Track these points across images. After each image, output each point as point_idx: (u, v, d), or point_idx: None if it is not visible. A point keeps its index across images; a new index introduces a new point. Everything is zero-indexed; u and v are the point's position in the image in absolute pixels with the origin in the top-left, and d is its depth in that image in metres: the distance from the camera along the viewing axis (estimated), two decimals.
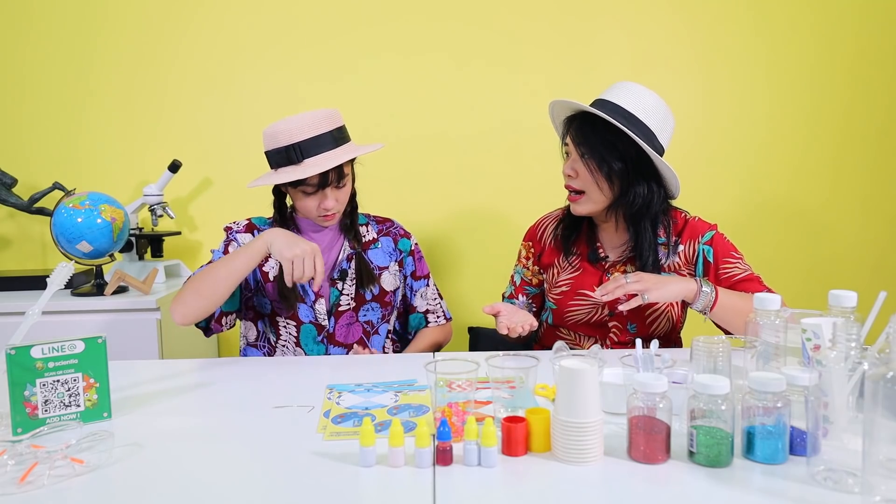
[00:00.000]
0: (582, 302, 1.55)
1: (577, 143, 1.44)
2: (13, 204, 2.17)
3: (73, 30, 2.33)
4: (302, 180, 1.48)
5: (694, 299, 1.34)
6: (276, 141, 1.49)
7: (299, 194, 1.52)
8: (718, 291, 1.34)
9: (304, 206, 1.54)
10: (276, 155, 1.50)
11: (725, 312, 1.34)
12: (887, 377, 0.73)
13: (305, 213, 1.56)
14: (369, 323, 1.62)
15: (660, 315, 1.52)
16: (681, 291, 1.33)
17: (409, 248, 1.68)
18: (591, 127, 1.42)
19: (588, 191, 1.46)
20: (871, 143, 2.42)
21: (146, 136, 2.38)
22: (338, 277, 1.59)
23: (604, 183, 1.44)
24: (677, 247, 1.52)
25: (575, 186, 1.47)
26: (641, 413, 0.88)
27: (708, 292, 1.33)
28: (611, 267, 1.53)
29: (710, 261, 1.50)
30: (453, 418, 0.99)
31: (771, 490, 0.82)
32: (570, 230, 1.58)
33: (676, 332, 1.60)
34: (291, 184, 1.50)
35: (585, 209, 1.48)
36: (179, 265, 2.31)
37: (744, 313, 1.29)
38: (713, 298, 1.33)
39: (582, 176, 1.45)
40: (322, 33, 2.35)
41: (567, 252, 1.57)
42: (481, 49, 2.35)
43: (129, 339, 1.92)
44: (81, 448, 0.93)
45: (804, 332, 0.95)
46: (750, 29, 2.36)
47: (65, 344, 1.04)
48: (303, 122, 1.48)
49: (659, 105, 1.45)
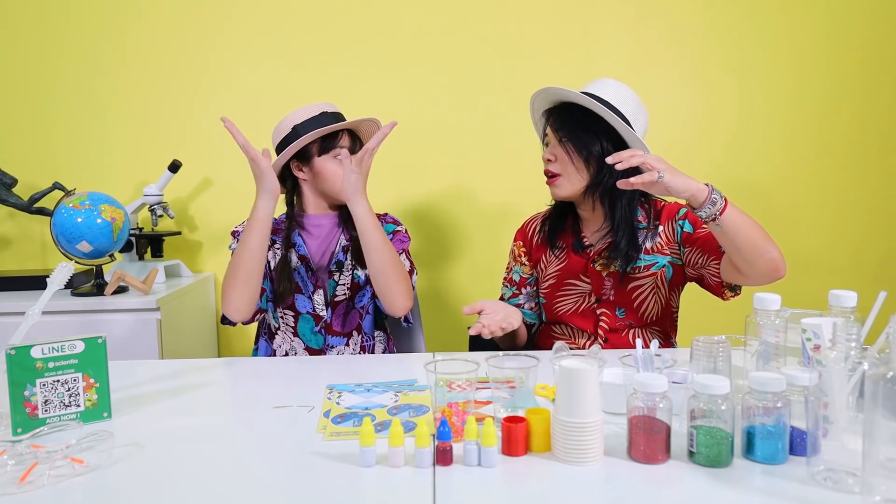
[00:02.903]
0: (569, 291, 1.57)
1: (555, 128, 1.50)
2: (13, 204, 2.17)
3: (74, 30, 2.33)
4: (334, 144, 1.57)
5: (703, 202, 1.27)
6: (294, 120, 1.57)
7: (328, 161, 1.57)
8: (728, 202, 1.28)
9: (335, 175, 1.57)
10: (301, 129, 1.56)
11: (734, 223, 1.28)
12: (887, 377, 0.73)
13: (333, 184, 1.58)
14: (364, 308, 1.65)
15: (647, 295, 1.52)
16: (693, 187, 1.26)
17: (392, 230, 1.67)
18: (570, 114, 1.49)
19: (565, 173, 1.49)
20: (872, 143, 2.42)
21: (146, 136, 2.38)
22: (335, 269, 1.61)
23: (581, 164, 1.47)
24: (657, 229, 1.53)
25: (553, 170, 1.51)
26: (641, 413, 0.88)
27: (717, 199, 1.26)
28: (595, 254, 1.55)
29: (688, 231, 1.51)
30: (453, 418, 0.99)
31: (771, 490, 0.82)
32: (556, 223, 1.62)
33: (672, 319, 1.60)
34: (323, 149, 1.57)
35: (564, 191, 1.51)
36: (179, 265, 2.31)
37: (752, 229, 1.29)
38: (722, 206, 1.27)
39: (560, 159, 1.49)
40: (322, 34, 2.35)
41: (553, 245, 1.60)
42: (481, 49, 2.35)
43: (129, 339, 1.92)
44: (81, 448, 0.93)
45: (804, 332, 0.95)
46: (749, 29, 2.37)
47: (65, 344, 1.04)
48: (309, 107, 1.59)
49: (632, 95, 1.51)
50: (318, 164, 1.58)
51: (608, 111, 1.43)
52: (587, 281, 1.55)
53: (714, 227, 1.30)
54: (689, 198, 1.28)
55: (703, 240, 1.47)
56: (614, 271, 1.52)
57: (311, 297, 1.60)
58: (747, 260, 1.31)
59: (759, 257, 1.30)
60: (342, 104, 1.66)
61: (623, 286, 1.52)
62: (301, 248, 1.62)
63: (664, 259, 1.52)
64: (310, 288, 1.60)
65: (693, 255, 1.50)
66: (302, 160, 1.60)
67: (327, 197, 1.64)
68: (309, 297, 1.60)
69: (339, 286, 1.62)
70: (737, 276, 1.39)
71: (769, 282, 1.33)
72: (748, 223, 1.30)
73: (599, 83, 1.51)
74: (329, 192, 1.61)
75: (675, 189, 1.26)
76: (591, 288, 1.55)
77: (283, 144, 1.59)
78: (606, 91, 1.48)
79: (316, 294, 1.60)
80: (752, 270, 1.32)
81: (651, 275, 1.52)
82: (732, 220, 1.28)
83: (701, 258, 1.48)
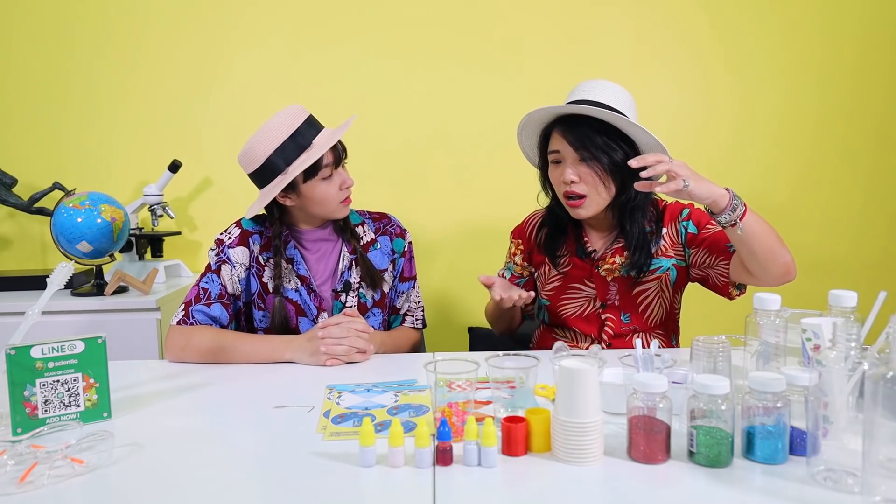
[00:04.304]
0: (574, 295, 1.55)
1: (577, 146, 1.41)
2: (13, 204, 2.17)
3: (74, 31, 2.33)
4: (318, 166, 1.42)
5: (724, 208, 1.26)
6: (267, 149, 1.41)
7: (318, 185, 1.45)
8: (748, 208, 1.28)
9: (326, 195, 1.46)
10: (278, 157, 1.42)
11: (752, 228, 1.28)
12: (887, 377, 0.73)
13: (326, 203, 1.48)
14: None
15: (652, 299, 1.51)
16: (716, 193, 1.25)
17: (403, 249, 1.63)
18: (583, 128, 1.40)
19: (591, 194, 1.43)
20: (872, 143, 2.42)
21: (146, 136, 2.38)
22: (341, 290, 1.54)
23: (608, 180, 1.42)
24: (661, 231, 1.52)
25: (579, 191, 1.43)
26: (641, 413, 0.88)
27: (738, 205, 1.26)
28: (599, 259, 1.53)
29: (692, 232, 1.49)
30: (453, 418, 0.99)
31: (771, 490, 0.82)
32: (553, 233, 1.57)
33: (674, 321, 1.59)
34: (307, 175, 1.43)
35: (589, 212, 1.46)
36: (179, 265, 2.31)
37: (768, 234, 1.29)
38: (742, 212, 1.26)
39: (585, 179, 1.42)
40: (322, 34, 2.35)
41: (554, 262, 1.57)
42: (480, 50, 2.36)
43: (129, 339, 1.92)
44: (81, 448, 0.93)
45: (804, 332, 0.95)
46: (746, 29, 2.37)
47: (65, 344, 1.04)
48: (280, 121, 1.43)
49: (625, 94, 1.46)
50: (307, 190, 1.46)
51: (626, 119, 1.38)
52: (592, 286, 1.53)
53: (732, 233, 1.29)
54: (711, 203, 1.26)
55: (710, 240, 1.46)
56: (620, 276, 1.51)
57: (314, 321, 1.51)
58: (761, 264, 1.31)
59: (773, 262, 1.30)
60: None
61: (629, 291, 1.51)
62: (300, 267, 1.52)
63: (669, 262, 1.51)
64: (313, 311, 1.51)
65: (700, 256, 1.49)
66: (286, 190, 1.46)
67: (320, 218, 1.54)
68: (313, 320, 1.52)
69: (345, 307, 1.53)
70: (747, 278, 1.39)
71: (779, 284, 1.33)
72: (765, 228, 1.30)
73: (591, 88, 1.44)
74: (321, 213, 1.51)
75: (698, 196, 1.25)
76: (595, 293, 1.53)
77: (260, 175, 1.45)
78: (607, 96, 1.42)
79: (320, 318, 1.52)
80: (764, 274, 1.32)
81: (656, 278, 1.51)
82: (751, 226, 1.27)
83: (708, 258, 1.47)
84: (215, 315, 1.48)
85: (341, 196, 1.49)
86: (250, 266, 1.53)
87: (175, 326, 1.46)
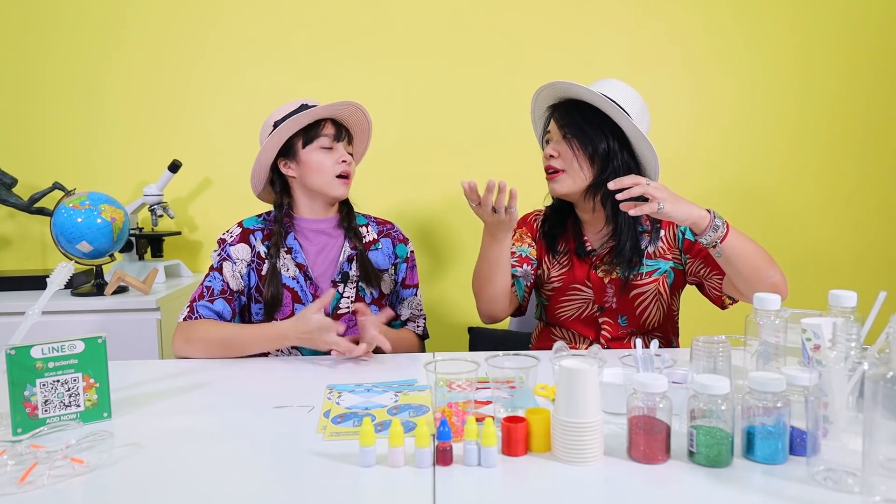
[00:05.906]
0: (573, 297, 1.55)
1: (560, 124, 1.47)
2: (13, 204, 2.17)
3: (74, 30, 2.33)
4: (317, 133, 1.53)
5: (705, 229, 1.27)
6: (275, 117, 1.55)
7: (315, 151, 1.53)
8: (730, 228, 1.29)
9: (322, 163, 1.53)
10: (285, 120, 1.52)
11: (734, 249, 1.28)
12: (887, 377, 0.73)
13: (322, 175, 1.54)
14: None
15: (649, 302, 1.51)
16: (694, 214, 1.27)
17: (405, 255, 1.66)
18: (576, 110, 1.46)
19: (568, 170, 1.46)
20: (871, 143, 2.42)
21: (146, 136, 2.38)
22: (339, 280, 1.57)
23: (585, 162, 1.45)
24: (658, 233, 1.53)
25: (555, 166, 1.47)
26: (641, 413, 0.88)
27: (719, 225, 1.27)
28: (597, 259, 1.53)
29: (689, 239, 1.50)
30: (453, 418, 0.99)
31: (771, 490, 0.82)
32: (555, 225, 1.59)
33: (673, 323, 1.59)
34: (307, 140, 1.53)
35: (564, 188, 1.48)
36: (179, 265, 2.31)
37: (754, 254, 1.30)
38: (724, 233, 1.27)
39: (563, 155, 1.47)
40: (322, 34, 2.35)
41: (553, 251, 1.58)
42: (480, 50, 2.35)
43: (129, 339, 1.92)
44: (81, 448, 0.93)
45: (804, 332, 0.95)
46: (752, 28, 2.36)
47: (65, 344, 1.04)
48: (289, 104, 1.56)
49: (637, 97, 1.49)
50: (304, 155, 1.54)
51: (617, 108, 1.41)
52: (590, 286, 1.53)
53: (715, 253, 1.30)
54: (691, 225, 1.29)
55: (705, 252, 1.47)
56: (616, 278, 1.51)
57: None
58: (748, 283, 1.32)
59: (759, 282, 1.30)
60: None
61: (625, 294, 1.51)
62: (298, 255, 1.56)
63: (666, 264, 1.52)
64: (309, 298, 1.54)
65: (695, 266, 1.50)
66: (288, 156, 1.56)
67: (319, 195, 1.57)
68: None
69: (342, 298, 1.56)
70: (737, 294, 1.41)
71: None
72: (749, 248, 1.30)
73: (605, 82, 1.49)
74: (318, 186, 1.55)
75: (676, 217, 1.28)
76: (593, 295, 1.53)
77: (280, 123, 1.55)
78: (613, 90, 1.46)
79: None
80: (751, 292, 1.30)
81: (653, 281, 1.51)
82: (733, 247, 1.29)
83: (703, 269, 1.49)
84: (218, 310, 1.51)
85: (338, 169, 1.54)
86: (251, 262, 1.56)
87: (181, 323, 1.50)
